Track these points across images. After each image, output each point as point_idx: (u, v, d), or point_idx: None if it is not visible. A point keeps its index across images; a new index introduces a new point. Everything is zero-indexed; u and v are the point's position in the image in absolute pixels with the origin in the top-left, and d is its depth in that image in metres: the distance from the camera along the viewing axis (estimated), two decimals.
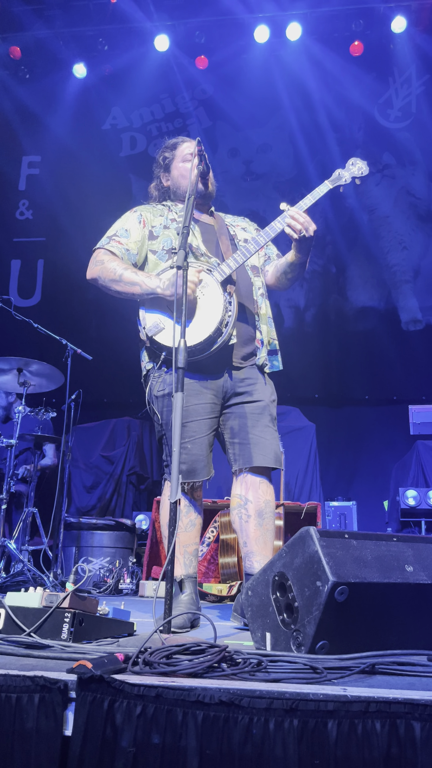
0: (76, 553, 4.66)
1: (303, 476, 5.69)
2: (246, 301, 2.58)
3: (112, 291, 2.50)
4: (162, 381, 2.49)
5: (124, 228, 2.59)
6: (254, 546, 2.42)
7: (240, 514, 2.46)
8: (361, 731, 1.05)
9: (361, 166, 2.61)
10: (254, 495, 2.44)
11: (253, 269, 2.68)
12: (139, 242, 2.57)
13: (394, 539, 1.74)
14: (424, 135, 7.12)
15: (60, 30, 7.11)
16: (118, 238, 2.56)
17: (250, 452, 2.45)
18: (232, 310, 2.44)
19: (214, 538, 4.33)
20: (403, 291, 6.97)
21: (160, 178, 2.79)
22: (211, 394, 2.47)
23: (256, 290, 2.64)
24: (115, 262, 2.49)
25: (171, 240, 2.57)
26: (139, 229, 2.59)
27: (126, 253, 2.54)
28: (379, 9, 6.71)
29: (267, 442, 2.47)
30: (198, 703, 1.08)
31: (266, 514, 2.44)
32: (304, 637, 1.50)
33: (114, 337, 6.61)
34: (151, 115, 7.70)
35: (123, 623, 1.91)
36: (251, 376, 2.54)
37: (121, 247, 2.54)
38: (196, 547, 2.49)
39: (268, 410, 2.53)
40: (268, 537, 2.44)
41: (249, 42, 7.03)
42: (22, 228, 7.74)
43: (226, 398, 2.52)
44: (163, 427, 2.50)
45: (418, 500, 5.28)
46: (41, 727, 1.12)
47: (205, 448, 2.46)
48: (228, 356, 2.50)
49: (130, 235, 2.57)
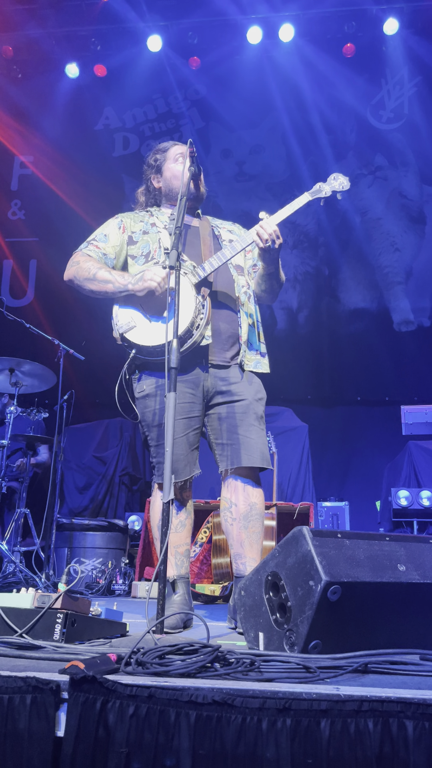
0: (69, 553, 4.64)
1: (295, 476, 5.69)
2: (226, 299, 2.57)
3: (86, 290, 2.55)
4: (141, 383, 2.51)
5: (103, 233, 2.65)
6: (240, 548, 2.42)
7: (227, 516, 2.46)
8: (354, 730, 1.05)
9: (343, 182, 2.62)
10: (239, 497, 2.44)
11: (237, 268, 2.67)
12: (117, 247, 2.63)
13: (387, 539, 1.75)
14: (416, 136, 7.15)
15: (52, 30, 7.09)
16: (96, 242, 2.62)
17: (235, 453, 2.44)
18: (205, 312, 2.44)
19: (206, 538, 4.33)
20: (395, 292, 6.99)
21: (151, 180, 2.79)
22: (189, 393, 2.46)
23: (239, 288, 2.62)
24: (90, 263, 2.54)
25: (149, 245, 2.59)
26: (117, 235, 2.64)
27: (103, 257, 2.60)
28: (371, 11, 6.73)
29: (252, 441, 2.45)
30: (191, 703, 1.08)
31: (253, 516, 2.43)
32: (297, 636, 1.50)
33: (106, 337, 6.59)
34: (144, 116, 7.69)
35: (115, 624, 1.91)
36: (233, 375, 2.52)
37: (98, 251, 2.60)
38: (187, 548, 2.49)
39: (253, 409, 2.49)
40: (255, 539, 2.43)
41: (242, 43, 7.03)
42: (14, 228, 7.71)
43: (208, 397, 2.51)
44: (146, 429, 2.50)
45: (410, 500, 5.29)
46: (33, 728, 1.11)
47: (185, 448, 2.45)
48: (203, 356, 2.49)
49: (108, 240, 2.63)
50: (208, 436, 2.55)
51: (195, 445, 2.51)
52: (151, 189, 2.80)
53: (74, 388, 4.62)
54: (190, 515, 2.51)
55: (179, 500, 2.48)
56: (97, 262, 2.56)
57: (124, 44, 7.15)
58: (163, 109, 7.65)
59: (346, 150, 7.28)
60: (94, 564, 4.56)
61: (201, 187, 2.68)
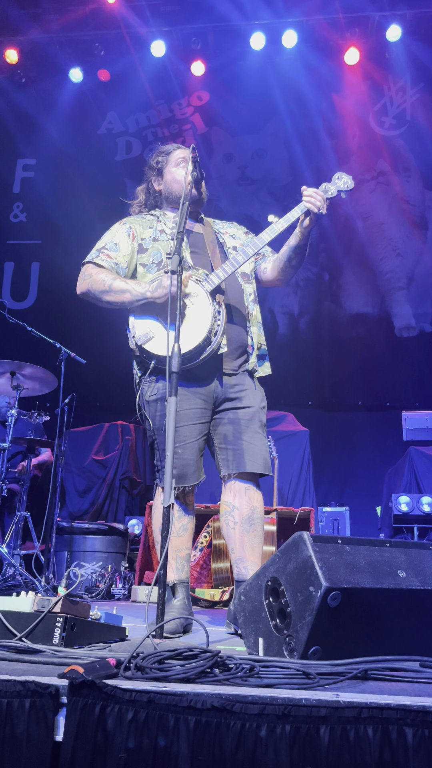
0: (68, 557, 4.64)
1: (296, 482, 5.69)
2: (237, 307, 2.60)
3: (103, 302, 2.52)
4: (153, 386, 2.50)
5: (113, 241, 2.60)
6: (242, 552, 2.43)
7: (227, 521, 2.48)
8: (354, 737, 1.05)
9: (347, 180, 2.67)
10: (241, 502, 2.46)
11: (243, 276, 2.69)
12: (128, 255, 2.59)
13: (387, 545, 1.75)
14: (419, 142, 7.16)
15: (56, 34, 7.12)
16: (107, 252, 2.57)
17: (239, 458, 2.46)
18: (221, 319, 2.45)
19: (206, 543, 4.32)
20: (397, 298, 7.00)
21: (152, 181, 2.80)
22: (201, 399, 2.49)
23: (247, 296, 2.65)
24: (103, 274, 2.51)
25: (160, 253, 2.57)
26: (128, 243, 2.60)
27: (115, 266, 2.56)
28: (374, 17, 6.75)
29: (256, 448, 2.49)
30: (190, 709, 1.08)
31: (254, 521, 2.45)
32: (297, 642, 1.50)
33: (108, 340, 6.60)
34: (147, 121, 7.71)
35: (115, 628, 1.90)
36: (242, 382, 2.55)
37: (110, 261, 2.55)
38: (188, 552, 2.49)
39: (258, 416, 2.54)
40: (256, 543, 2.44)
41: (245, 49, 7.06)
42: (16, 230, 7.73)
43: (216, 404, 2.53)
44: (155, 432, 2.50)
45: (410, 506, 5.29)
46: (32, 733, 1.11)
47: (195, 453, 2.46)
48: (218, 364, 2.51)
49: (120, 249, 2.58)
50: (212, 441, 2.56)
51: (202, 451, 2.53)
52: (151, 190, 2.81)
53: (75, 391, 4.62)
54: (193, 520, 2.52)
55: (184, 504, 2.48)
56: (110, 272, 2.53)
57: (128, 49, 7.18)
58: (167, 114, 7.67)
59: (349, 155, 7.29)
60: (93, 568, 4.55)
61: (203, 191, 2.68)
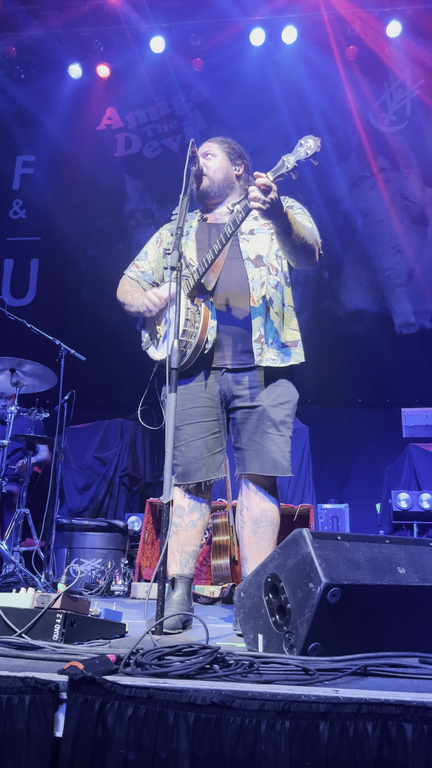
0: (68, 554, 4.64)
1: (296, 478, 5.69)
2: (235, 299, 2.47)
3: (128, 312, 2.70)
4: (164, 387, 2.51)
5: (145, 250, 2.77)
6: (248, 552, 2.44)
7: (239, 519, 2.50)
8: (353, 733, 1.05)
9: (311, 144, 2.37)
10: (251, 502, 2.46)
11: (256, 260, 2.49)
12: (154, 262, 2.73)
13: (387, 541, 1.75)
14: (418, 139, 7.15)
15: (55, 30, 7.10)
16: (138, 262, 2.76)
17: (248, 459, 2.45)
18: (200, 320, 2.41)
19: (206, 540, 4.32)
20: (397, 294, 6.99)
21: None
22: (204, 398, 2.48)
23: (254, 282, 2.46)
24: (126, 285, 2.70)
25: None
26: (155, 250, 2.73)
27: (142, 275, 2.73)
28: (374, 13, 6.74)
29: (265, 449, 2.40)
30: (190, 705, 1.08)
31: (262, 523, 2.43)
32: (297, 638, 1.50)
33: (107, 337, 6.60)
34: (147, 117, 7.69)
35: (115, 624, 1.90)
36: (251, 378, 2.45)
37: (137, 270, 2.74)
38: (195, 548, 2.47)
39: (268, 415, 2.41)
40: (263, 545, 2.41)
41: (245, 45, 7.04)
42: (16, 227, 7.71)
43: (226, 402, 2.51)
44: None
45: (410, 503, 5.29)
46: (32, 729, 1.11)
47: (202, 451, 2.44)
48: (209, 362, 2.49)
49: (148, 257, 2.74)
50: (231, 439, 2.56)
51: (216, 449, 2.48)
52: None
53: (75, 388, 4.62)
54: (203, 517, 2.49)
55: (197, 498, 2.48)
56: (131, 284, 2.70)
57: (127, 45, 7.16)
58: (166, 110, 7.65)
59: (349, 152, 7.27)
60: (93, 564, 4.56)
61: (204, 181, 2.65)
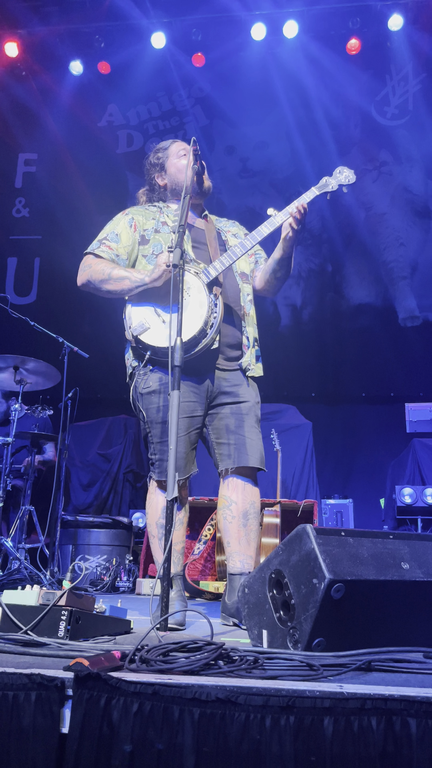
0: (73, 551, 4.66)
1: (300, 474, 5.69)
2: (233, 305, 2.61)
3: (103, 291, 2.52)
4: (147, 378, 2.49)
5: (115, 232, 2.60)
6: (238, 545, 2.45)
7: (225, 514, 2.49)
8: (357, 728, 1.05)
9: (348, 175, 2.63)
10: (239, 496, 2.48)
11: (242, 276, 2.70)
12: (129, 247, 2.59)
13: (391, 537, 1.75)
14: (420, 132, 7.12)
15: (56, 27, 7.09)
16: (108, 243, 2.58)
17: (237, 452, 2.48)
18: (218, 312, 2.45)
19: (210, 536, 4.33)
20: (401, 288, 6.97)
21: (154, 178, 2.78)
22: (193, 393, 2.47)
23: (245, 296, 2.67)
24: (102, 264, 2.52)
25: (162, 245, 2.57)
26: (129, 234, 2.60)
27: (116, 258, 2.56)
28: (375, 6, 6.70)
29: (253, 443, 2.51)
30: (195, 701, 1.08)
31: (251, 515, 2.48)
32: (301, 634, 1.51)
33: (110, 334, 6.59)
34: (148, 113, 7.68)
35: (120, 621, 1.91)
36: (237, 377, 2.58)
37: (111, 252, 2.56)
38: (183, 545, 2.50)
39: (254, 411, 2.56)
40: (252, 537, 2.47)
41: (246, 40, 7.01)
42: (19, 225, 7.72)
43: (211, 398, 2.53)
44: (148, 425, 2.50)
45: (414, 498, 5.29)
46: (38, 725, 1.12)
47: (186, 446, 2.45)
48: (212, 359, 2.52)
49: (120, 240, 2.58)
50: (209, 435, 2.56)
51: (194, 444, 2.54)
52: (155, 188, 2.79)
53: (78, 385, 4.62)
54: (187, 513, 2.54)
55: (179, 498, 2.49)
56: (110, 263, 2.54)
57: (128, 41, 7.14)
58: (167, 106, 7.64)
59: (351, 145, 7.25)
60: (98, 561, 4.57)
61: (205, 181, 2.67)
